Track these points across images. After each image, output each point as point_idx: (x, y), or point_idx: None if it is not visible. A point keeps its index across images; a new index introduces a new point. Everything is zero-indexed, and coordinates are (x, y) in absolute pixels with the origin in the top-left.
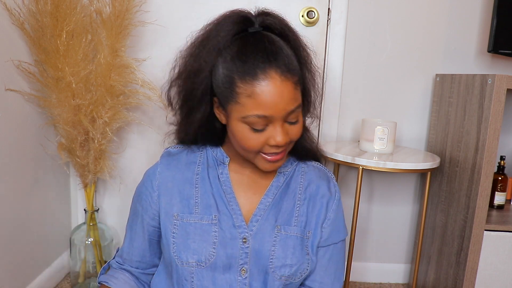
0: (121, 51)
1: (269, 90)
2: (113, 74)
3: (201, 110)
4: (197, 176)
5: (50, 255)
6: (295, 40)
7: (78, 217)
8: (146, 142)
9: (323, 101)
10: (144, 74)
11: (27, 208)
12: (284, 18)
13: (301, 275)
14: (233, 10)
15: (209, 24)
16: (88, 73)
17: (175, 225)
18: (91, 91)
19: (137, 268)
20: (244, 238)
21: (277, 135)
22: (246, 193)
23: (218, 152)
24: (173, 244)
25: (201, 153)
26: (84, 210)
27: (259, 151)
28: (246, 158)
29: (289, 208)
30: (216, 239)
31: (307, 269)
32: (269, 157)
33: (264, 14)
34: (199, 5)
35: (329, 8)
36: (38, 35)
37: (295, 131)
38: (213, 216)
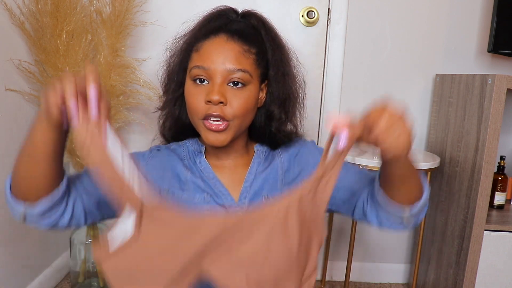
0: (121, 51)
1: (213, 45)
2: (113, 74)
3: (180, 94)
4: (184, 168)
5: (50, 255)
6: (275, 37)
7: None
8: (146, 142)
9: (322, 102)
10: (145, 74)
11: None
12: (269, 21)
13: None
14: (222, 5)
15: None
16: None
17: (166, 199)
18: None
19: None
20: None
21: (214, 90)
22: (230, 177)
23: (195, 143)
24: None
25: (183, 148)
26: None
27: (203, 116)
28: (197, 130)
29: (273, 178)
30: None
31: None
32: (208, 123)
33: (248, 14)
34: (199, 5)
35: (329, 8)
36: (38, 35)
37: (238, 98)
38: (205, 194)
